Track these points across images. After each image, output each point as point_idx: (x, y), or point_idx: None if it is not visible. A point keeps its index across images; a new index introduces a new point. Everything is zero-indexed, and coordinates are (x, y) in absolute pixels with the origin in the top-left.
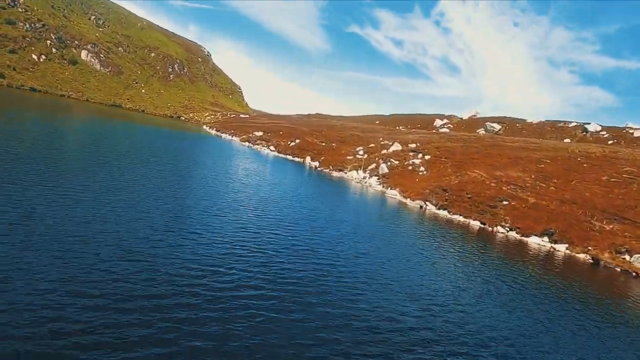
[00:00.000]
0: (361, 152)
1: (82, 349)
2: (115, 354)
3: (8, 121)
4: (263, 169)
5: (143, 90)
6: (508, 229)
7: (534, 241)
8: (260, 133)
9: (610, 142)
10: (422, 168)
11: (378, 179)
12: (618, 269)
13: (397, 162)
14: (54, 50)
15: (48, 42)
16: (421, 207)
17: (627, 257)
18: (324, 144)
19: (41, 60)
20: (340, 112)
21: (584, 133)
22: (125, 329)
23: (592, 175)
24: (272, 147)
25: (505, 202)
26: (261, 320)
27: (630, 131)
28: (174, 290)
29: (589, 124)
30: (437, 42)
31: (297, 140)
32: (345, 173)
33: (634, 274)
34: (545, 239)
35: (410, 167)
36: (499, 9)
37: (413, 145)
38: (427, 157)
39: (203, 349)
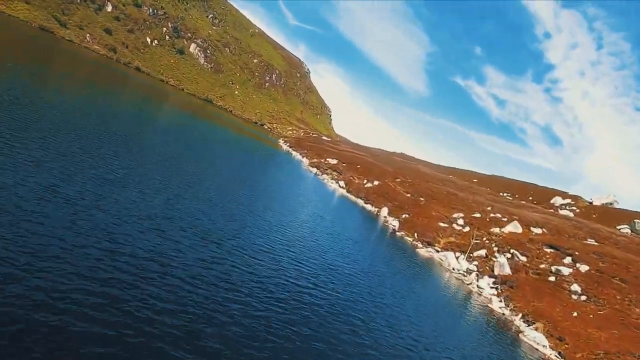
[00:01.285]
0: (460, 221)
1: None
2: None
3: (109, 98)
4: (321, 210)
5: (236, 92)
6: None
7: None
8: (334, 161)
9: None
10: (576, 288)
11: (494, 283)
12: None
13: (524, 259)
14: (167, 37)
15: (164, 29)
16: None
17: None
18: (408, 194)
19: (153, 44)
20: (426, 157)
21: None
22: None
23: None
24: (342, 183)
25: None
26: None
27: None
28: None
29: None
30: (542, 109)
31: (376, 182)
32: (437, 252)
33: None
34: None
35: (552, 278)
36: (621, 90)
37: (538, 231)
38: (581, 267)
39: None
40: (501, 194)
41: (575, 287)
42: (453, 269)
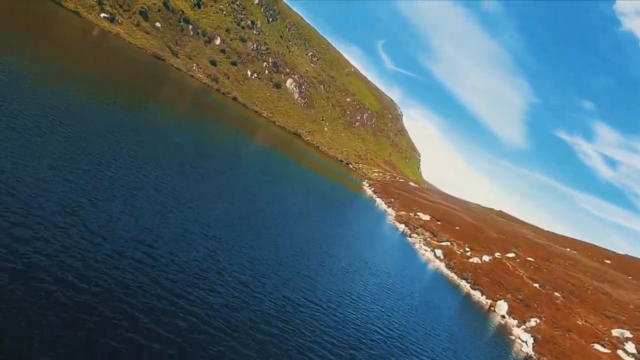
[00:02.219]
0: (631, 348)
1: None
2: None
3: (208, 127)
4: (409, 291)
5: (326, 129)
6: None
7: None
8: (426, 217)
9: None
10: None
11: None
12: None
13: None
14: (266, 71)
15: (264, 64)
16: None
17: None
18: (536, 284)
19: (252, 77)
20: (525, 216)
21: None
22: None
23: None
24: (439, 253)
25: None
26: None
27: None
28: None
29: None
30: None
31: (486, 258)
32: None
33: None
34: None
35: None
36: None
37: None
38: None
39: None
40: None
41: None
42: None
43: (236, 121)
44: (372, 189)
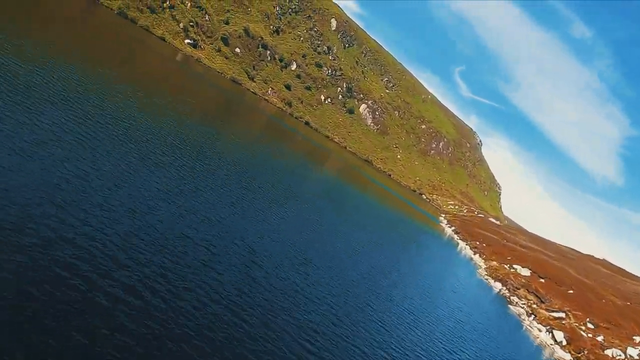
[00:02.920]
0: None
1: None
2: None
3: (274, 152)
4: None
5: (398, 156)
6: None
7: None
8: (526, 272)
9: None
10: None
11: None
12: None
13: None
14: (340, 96)
15: (338, 89)
16: None
17: None
18: None
19: (325, 102)
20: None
21: None
22: None
23: None
24: (559, 336)
25: None
26: None
27: None
28: None
29: None
30: None
31: (633, 353)
32: None
33: None
34: None
35: None
36: None
37: None
38: None
39: None
40: None
41: None
42: None
43: (307, 146)
44: (452, 227)
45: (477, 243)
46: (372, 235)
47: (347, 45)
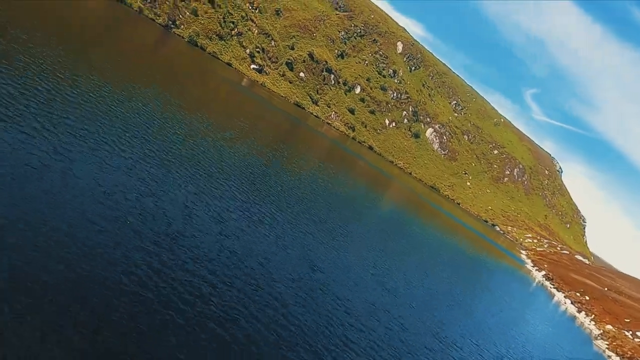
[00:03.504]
0: None
1: None
2: None
3: (336, 177)
4: None
5: (468, 183)
6: None
7: None
8: None
9: None
10: None
11: None
12: None
13: None
14: (405, 120)
15: (404, 112)
16: None
17: None
18: None
19: (390, 126)
20: None
21: None
22: None
23: None
24: None
25: None
26: None
27: None
28: None
29: None
30: None
31: None
32: None
33: None
34: None
35: None
36: None
37: None
38: None
39: None
40: None
41: None
42: None
43: (369, 171)
44: (542, 271)
45: (578, 295)
46: (448, 270)
47: (413, 68)
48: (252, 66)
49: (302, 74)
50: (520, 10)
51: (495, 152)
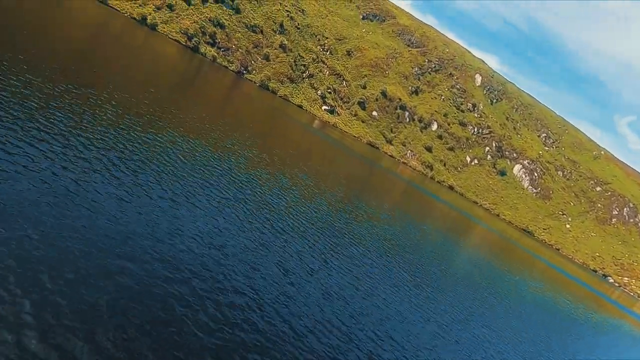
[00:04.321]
0: None
1: None
2: None
3: (413, 221)
4: None
5: (568, 226)
6: None
7: None
8: None
9: None
10: None
11: None
12: None
13: None
14: (488, 157)
15: (486, 148)
16: None
17: None
18: None
19: (472, 163)
20: None
21: None
22: None
23: None
24: None
25: None
26: None
27: None
28: None
29: None
30: None
31: None
32: None
33: None
34: None
35: None
36: None
37: None
38: None
39: None
40: None
41: None
42: None
43: (450, 214)
44: None
45: None
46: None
47: (494, 100)
48: (324, 107)
49: (374, 113)
50: (601, 36)
51: (598, 189)
